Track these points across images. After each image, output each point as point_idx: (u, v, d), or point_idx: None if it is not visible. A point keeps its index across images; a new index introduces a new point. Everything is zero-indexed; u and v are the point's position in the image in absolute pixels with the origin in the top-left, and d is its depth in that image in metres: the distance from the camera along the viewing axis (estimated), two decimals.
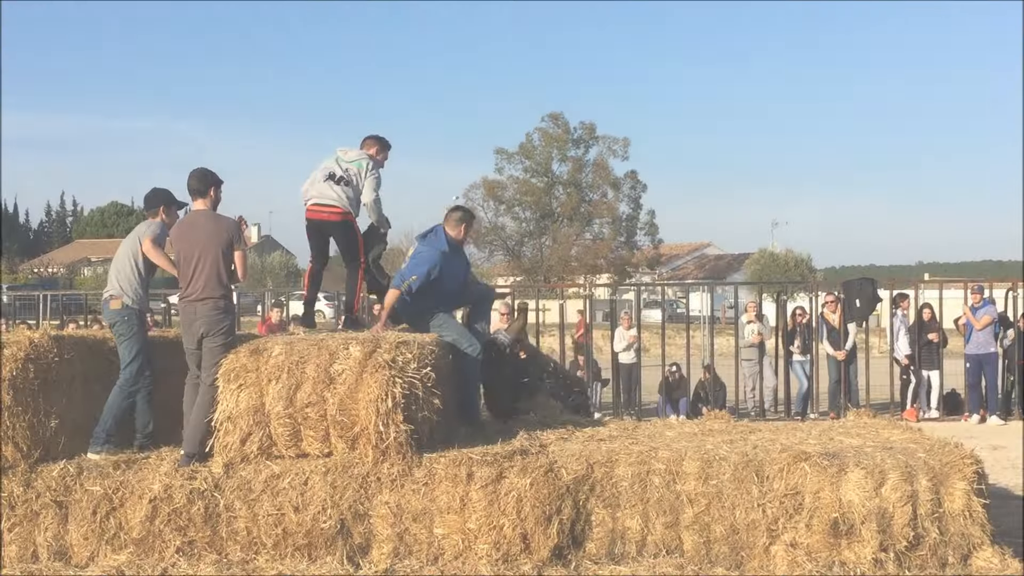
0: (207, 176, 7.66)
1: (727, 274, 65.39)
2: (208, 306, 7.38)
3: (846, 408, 14.86)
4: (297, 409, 6.95)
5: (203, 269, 7.40)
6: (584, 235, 58.59)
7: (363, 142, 9.15)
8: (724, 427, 8.22)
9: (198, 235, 7.47)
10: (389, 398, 6.76)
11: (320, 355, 7.02)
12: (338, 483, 6.80)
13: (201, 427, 7.20)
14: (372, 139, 9.20)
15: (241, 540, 6.84)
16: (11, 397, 7.05)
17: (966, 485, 6.42)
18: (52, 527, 6.98)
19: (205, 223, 7.54)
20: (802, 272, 52.90)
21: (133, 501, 6.92)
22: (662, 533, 6.65)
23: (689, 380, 17.33)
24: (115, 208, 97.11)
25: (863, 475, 6.44)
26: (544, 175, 58.55)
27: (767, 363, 17.54)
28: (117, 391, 7.54)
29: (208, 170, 7.74)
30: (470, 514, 6.67)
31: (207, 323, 7.36)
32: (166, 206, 8.05)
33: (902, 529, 6.34)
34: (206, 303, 7.38)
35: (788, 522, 6.47)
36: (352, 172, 8.80)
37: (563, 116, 58.42)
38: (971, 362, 16.51)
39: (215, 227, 7.51)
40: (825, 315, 17.18)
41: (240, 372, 7.09)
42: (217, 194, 7.69)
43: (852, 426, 8.04)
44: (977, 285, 17.09)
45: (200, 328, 7.38)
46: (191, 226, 7.59)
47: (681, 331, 23.90)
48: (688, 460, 6.75)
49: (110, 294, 7.74)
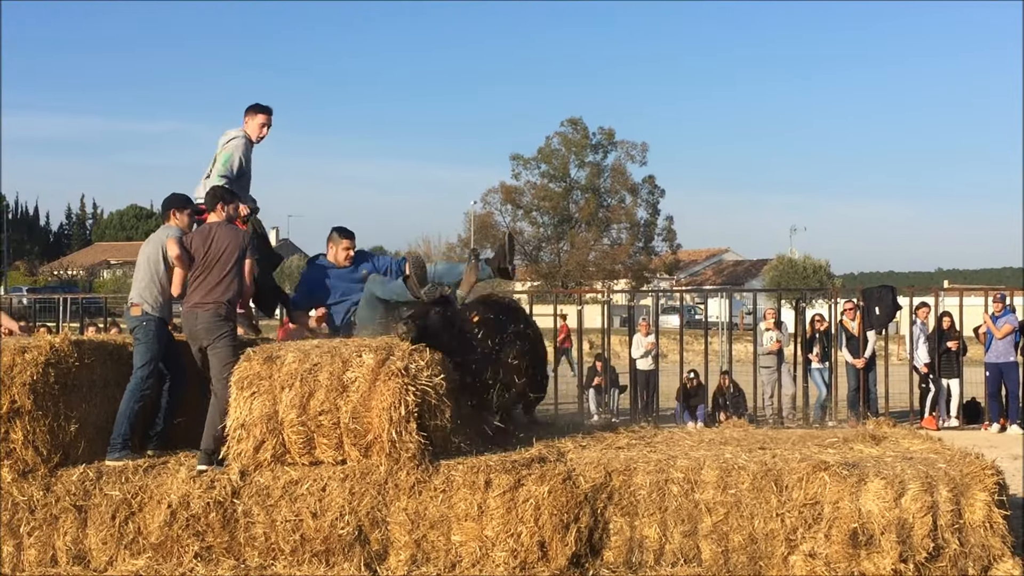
0: (212, 196, 7.96)
1: (745, 280, 65.22)
2: (209, 312, 7.50)
3: (865, 416, 14.77)
4: (310, 417, 6.96)
5: (208, 277, 7.53)
6: (602, 240, 58.55)
7: None
8: (742, 435, 8.20)
9: (209, 244, 7.62)
10: (402, 406, 6.77)
11: (333, 363, 7.03)
12: (356, 489, 6.81)
13: (215, 433, 7.24)
14: (245, 113, 8.95)
15: (259, 546, 6.85)
16: (31, 401, 7.08)
17: (987, 496, 6.39)
18: (71, 531, 7.01)
19: (218, 233, 7.68)
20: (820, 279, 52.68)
21: (152, 506, 6.95)
22: (680, 542, 6.63)
23: (707, 387, 17.28)
24: (134, 211, 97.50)
25: (883, 485, 6.41)
26: (562, 180, 58.56)
27: (786, 370, 17.46)
28: (127, 396, 7.57)
29: (213, 190, 8.03)
30: (488, 521, 6.67)
31: (207, 329, 7.49)
32: (177, 209, 8.04)
33: (922, 540, 6.31)
34: (207, 309, 7.49)
35: (807, 532, 6.44)
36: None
37: (582, 121, 58.48)
38: (991, 371, 16.40)
39: (227, 237, 7.66)
40: (844, 322, 17.10)
41: (253, 380, 7.10)
42: (226, 210, 7.88)
43: (872, 435, 8.00)
44: (999, 294, 17.00)
45: (201, 335, 7.50)
46: (204, 236, 7.69)
47: (699, 337, 23.81)
48: (707, 469, 6.74)
49: (131, 301, 7.78)
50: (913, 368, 17.22)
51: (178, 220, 8.00)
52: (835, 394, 16.95)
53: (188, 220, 8.05)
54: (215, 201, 7.88)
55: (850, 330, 16.99)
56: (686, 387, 17.28)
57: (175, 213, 8.02)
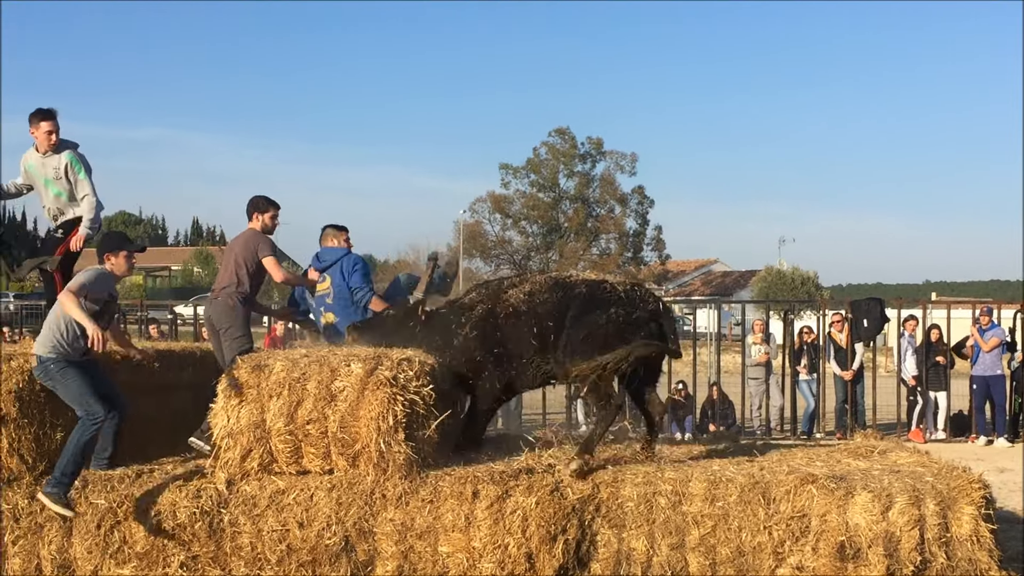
0: (248, 205, 8.48)
1: (734, 291, 65.27)
2: (222, 299, 8.15)
3: (852, 428, 14.81)
4: (298, 426, 6.94)
5: (224, 269, 8.30)
6: (591, 250, 58.59)
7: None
8: (730, 447, 8.20)
9: (232, 244, 8.50)
10: (390, 416, 6.76)
11: (322, 372, 7.01)
12: (343, 499, 6.78)
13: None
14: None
15: (245, 556, 6.82)
16: (17, 409, 7.05)
17: (974, 510, 6.40)
18: (56, 540, 6.96)
19: (241, 236, 8.41)
20: (809, 290, 52.75)
21: (138, 515, 6.91)
22: (668, 555, 6.62)
23: (695, 398, 17.29)
24: (123, 217, 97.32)
25: (870, 498, 6.42)
26: (551, 190, 58.61)
27: (774, 382, 17.50)
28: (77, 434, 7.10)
29: (253, 199, 8.49)
30: (475, 532, 6.65)
31: (218, 315, 8.15)
32: (110, 252, 7.56)
33: (909, 554, 6.32)
34: (220, 296, 8.18)
35: (794, 545, 6.44)
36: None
37: (570, 131, 58.55)
38: (978, 383, 16.47)
39: (244, 238, 8.37)
40: (832, 334, 17.15)
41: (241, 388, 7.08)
42: (262, 219, 8.40)
43: (859, 448, 8.01)
44: (986, 307, 17.08)
45: (216, 320, 8.17)
46: (234, 240, 8.52)
47: (687, 348, 23.84)
48: (695, 481, 6.73)
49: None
50: (901, 380, 17.28)
51: (113, 264, 7.57)
52: (823, 406, 16.99)
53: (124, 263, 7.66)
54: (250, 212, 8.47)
55: (838, 342, 17.05)
56: (674, 398, 17.29)
57: (108, 256, 7.55)
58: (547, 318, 7.50)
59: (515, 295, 7.68)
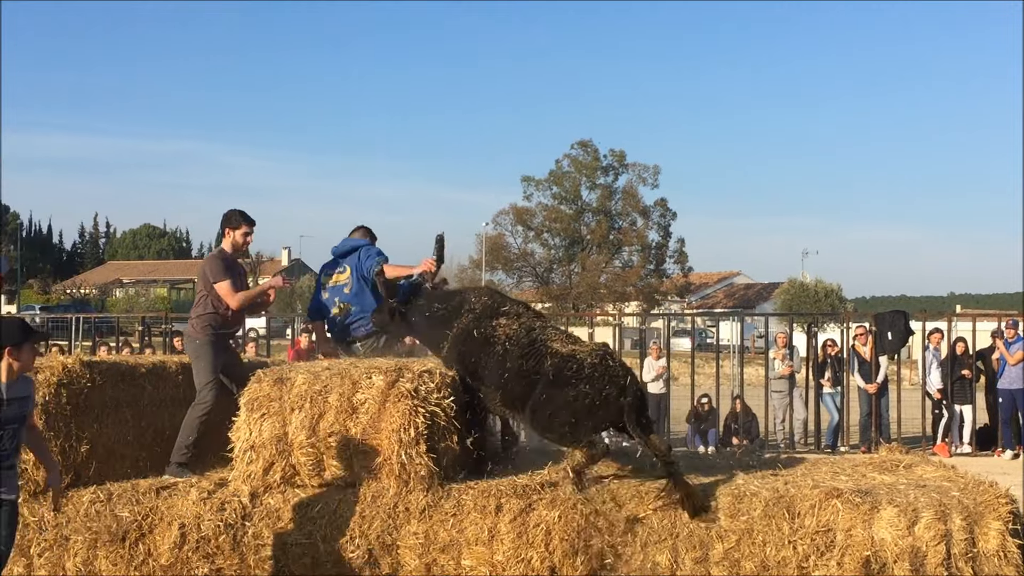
0: (222, 219, 8.23)
1: (756, 303, 65.10)
2: (188, 330, 8.14)
3: (877, 442, 14.72)
4: (320, 438, 6.95)
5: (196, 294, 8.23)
6: (613, 262, 58.55)
7: None
8: (754, 461, 8.15)
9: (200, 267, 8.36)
10: (412, 428, 6.76)
11: (343, 384, 7.03)
12: (367, 513, 6.79)
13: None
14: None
15: (269, 569, 6.83)
16: (43, 422, 7.07)
17: (1001, 525, 6.33)
18: (81, 552, 6.99)
19: (204, 259, 8.40)
20: (832, 302, 52.55)
21: (162, 528, 6.94)
22: (691, 569, 6.58)
23: (719, 411, 17.23)
24: (147, 230, 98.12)
25: (896, 513, 6.36)
26: (573, 202, 58.60)
27: (797, 395, 17.41)
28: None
29: (227, 214, 8.22)
30: (498, 546, 6.64)
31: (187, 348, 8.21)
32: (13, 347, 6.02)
33: (935, 569, 6.25)
34: (189, 322, 8.13)
35: (819, 560, 6.39)
36: None
37: (593, 143, 58.59)
38: (1004, 397, 16.33)
39: (203, 263, 8.28)
40: (856, 347, 17.06)
41: (263, 401, 7.10)
42: (233, 236, 8.15)
43: (884, 462, 7.96)
44: (1012, 320, 16.94)
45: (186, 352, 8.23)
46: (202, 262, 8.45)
47: (710, 360, 23.74)
48: (718, 495, 6.69)
49: None
50: (926, 393, 17.16)
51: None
52: (847, 419, 16.89)
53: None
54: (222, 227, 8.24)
55: (862, 355, 16.95)
56: (697, 411, 17.24)
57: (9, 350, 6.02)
58: (516, 380, 7.07)
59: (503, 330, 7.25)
